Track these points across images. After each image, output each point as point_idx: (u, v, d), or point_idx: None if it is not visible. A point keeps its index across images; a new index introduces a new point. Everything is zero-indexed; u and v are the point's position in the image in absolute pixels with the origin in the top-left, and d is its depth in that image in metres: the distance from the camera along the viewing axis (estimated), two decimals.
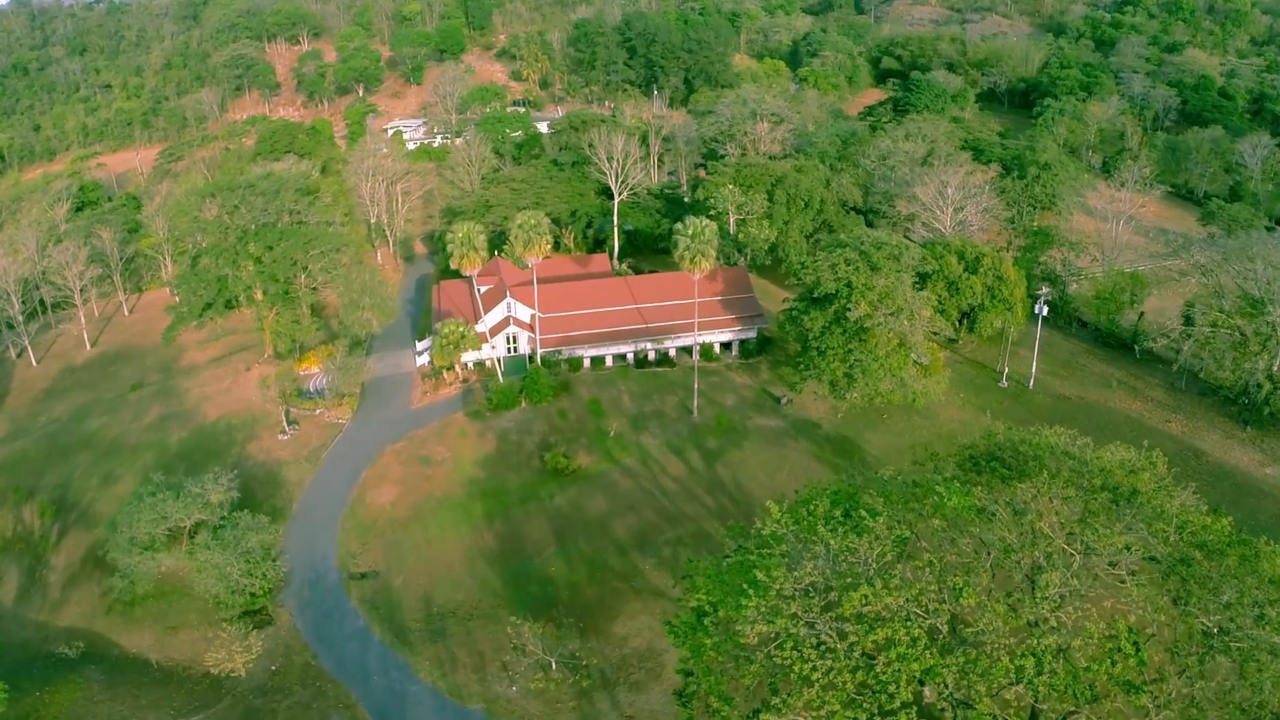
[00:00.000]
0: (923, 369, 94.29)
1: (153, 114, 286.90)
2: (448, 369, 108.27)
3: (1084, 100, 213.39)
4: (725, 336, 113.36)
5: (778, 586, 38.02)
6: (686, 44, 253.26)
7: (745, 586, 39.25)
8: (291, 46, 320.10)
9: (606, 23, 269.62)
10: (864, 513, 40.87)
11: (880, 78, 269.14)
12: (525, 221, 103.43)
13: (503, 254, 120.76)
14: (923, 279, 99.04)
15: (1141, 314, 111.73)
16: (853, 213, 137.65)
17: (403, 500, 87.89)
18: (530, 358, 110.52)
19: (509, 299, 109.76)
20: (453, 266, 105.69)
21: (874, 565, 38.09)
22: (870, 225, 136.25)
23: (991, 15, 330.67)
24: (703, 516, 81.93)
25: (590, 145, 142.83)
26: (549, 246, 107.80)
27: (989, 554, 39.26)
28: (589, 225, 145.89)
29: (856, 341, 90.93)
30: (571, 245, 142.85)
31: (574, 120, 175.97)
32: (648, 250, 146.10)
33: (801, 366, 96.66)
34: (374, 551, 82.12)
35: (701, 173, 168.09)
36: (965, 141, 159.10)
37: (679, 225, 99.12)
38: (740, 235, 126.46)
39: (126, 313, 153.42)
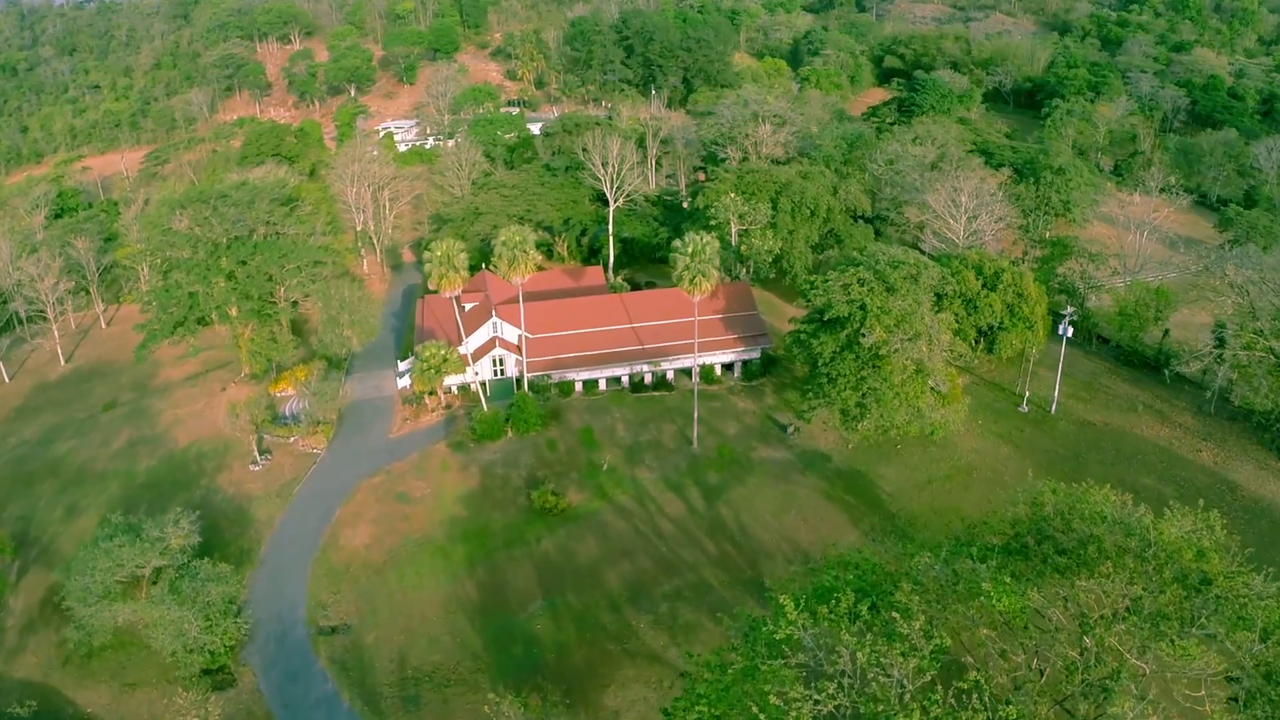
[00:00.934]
0: (940, 397, 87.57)
1: (141, 115, 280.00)
2: (429, 394, 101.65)
3: (1092, 101, 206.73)
4: (727, 357, 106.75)
5: (794, 714, 31.75)
6: (685, 43, 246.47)
7: (755, 710, 32.92)
8: (283, 46, 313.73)
9: (603, 21, 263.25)
10: (895, 613, 34.54)
11: (883, 77, 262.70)
12: (509, 239, 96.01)
13: (490, 267, 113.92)
14: (939, 298, 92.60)
15: (1166, 331, 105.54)
16: (860, 221, 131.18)
17: (379, 543, 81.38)
18: (518, 382, 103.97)
19: (495, 319, 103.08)
20: (431, 287, 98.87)
21: (910, 686, 31.79)
22: (878, 234, 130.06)
23: (995, 13, 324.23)
24: (703, 565, 75.53)
25: (584, 150, 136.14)
26: (536, 263, 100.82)
27: (1043, 670, 32.97)
28: (583, 234, 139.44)
29: (870, 368, 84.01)
30: (565, 254, 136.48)
31: (567, 123, 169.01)
32: (645, 260, 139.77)
33: (810, 394, 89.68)
34: (346, 602, 75.64)
35: (701, 176, 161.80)
36: (975, 145, 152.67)
37: (677, 243, 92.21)
38: (743, 247, 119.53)
39: (104, 325, 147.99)
